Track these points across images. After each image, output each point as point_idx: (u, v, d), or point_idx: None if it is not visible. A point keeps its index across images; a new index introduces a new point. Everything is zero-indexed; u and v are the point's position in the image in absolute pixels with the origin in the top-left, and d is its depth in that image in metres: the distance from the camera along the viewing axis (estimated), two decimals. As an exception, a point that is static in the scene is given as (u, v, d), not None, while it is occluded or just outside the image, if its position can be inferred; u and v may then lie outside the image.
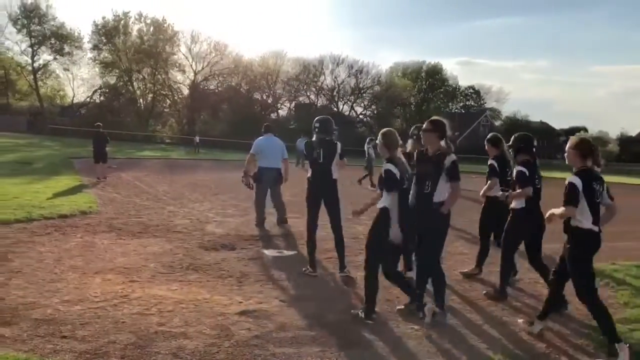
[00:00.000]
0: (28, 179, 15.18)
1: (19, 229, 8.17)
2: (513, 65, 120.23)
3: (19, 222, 8.59)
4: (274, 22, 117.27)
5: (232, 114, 61.37)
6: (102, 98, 64.79)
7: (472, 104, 77.27)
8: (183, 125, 63.57)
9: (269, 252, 7.63)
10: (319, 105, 67.21)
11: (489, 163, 6.78)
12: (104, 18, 62.65)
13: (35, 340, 4.06)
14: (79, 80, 71.50)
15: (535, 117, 71.89)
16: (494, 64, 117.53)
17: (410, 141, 6.68)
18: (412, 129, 6.84)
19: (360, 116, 68.99)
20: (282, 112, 68.18)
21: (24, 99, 65.51)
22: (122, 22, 63.03)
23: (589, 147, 4.53)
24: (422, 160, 5.21)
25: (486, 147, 7.07)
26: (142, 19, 63.69)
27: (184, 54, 64.38)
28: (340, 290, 6.09)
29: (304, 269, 6.59)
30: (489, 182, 6.69)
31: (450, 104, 76.79)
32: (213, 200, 13.17)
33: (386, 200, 4.97)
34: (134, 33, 64.06)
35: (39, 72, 62.73)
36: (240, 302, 5.36)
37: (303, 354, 4.17)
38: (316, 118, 6.83)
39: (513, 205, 5.85)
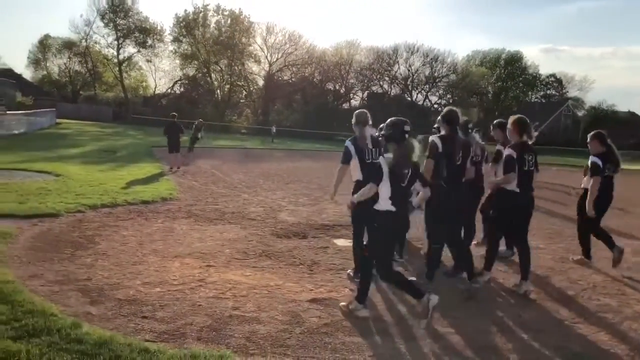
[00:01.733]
0: (113, 166, 16.00)
1: (105, 213, 8.64)
2: (601, 52, 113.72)
3: (105, 207, 9.08)
4: (349, 11, 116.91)
5: (304, 104, 61.91)
6: (181, 89, 67.07)
7: (554, 93, 73.84)
8: (258, 116, 64.71)
9: (339, 242, 7.68)
10: (391, 94, 66.51)
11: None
12: (185, 11, 64.74)
13: (119, 319, 4.30)
14: (160, 72, 74.36)
15: (623, 107, 67.83)
16: (579, 50, 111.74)
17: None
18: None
19: (435, 105, 67.65)
20: (355, 102, 68.01)
21: (110, 90, 68.99)
22: (201, 14, 64.78)
23: (524, 124, 5.61)
24: None
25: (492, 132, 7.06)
26: (220, 11, 65.25)
27: (259, 45, 65.43)
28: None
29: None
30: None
31: (529, 93, 73.79)
32: (285, 189, 13.38)
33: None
34: (212, 25, 65.68)
35: (124, 64, 65.71)
36: (311, 290, 5.44)
37: (373, 344, 4.18)
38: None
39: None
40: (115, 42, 64.05)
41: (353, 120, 5.86)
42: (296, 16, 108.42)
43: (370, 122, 5.84)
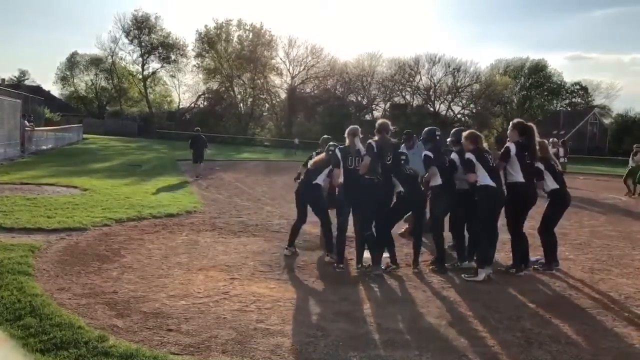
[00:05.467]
0: (138, 180, 16.19)
1: (131, 227, 8.74)
2: (630, 58, 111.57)
3: (130, 220, 9.18)
4: (370, 23, 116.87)
5: (327, 116, 62.01)
6: (205, 103, 67.82)
7: (579, 101, 72.79)
8: (281, 128, 65.03)
9: (365, 255, 7.61)
10: (414, 105, 66.31)
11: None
12: (206, 27, 65.64)
13: (145, 332, 4.32)
14: (184, 87, 75.53)
15: (651, 114, 66.29)
16: (606, 57, 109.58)
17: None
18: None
19: (458, 115, 67.17)
20: (377, 113, 67.87)
21: (135, 105, 70.17)
22: (223, 29, 65.60)
23: (476, 137, 6.78)
24: None
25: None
26: (242, 25, 65.99)
27: (281, 59, 65.87)
28: (433, 294, 5.96)
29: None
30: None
31: (554, 101, 72.85)
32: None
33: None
34: (235, 40, 66.43)
35: (148, 80, 66.86)
36: (336, 302, 5.40)
37: (399, 358, 4.13)
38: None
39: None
40: (140, 59, 65.34)
41: (346, 132, 6.97)
42: (317, 29, 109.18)
43: (361, 136, 6.97)
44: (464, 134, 6.91)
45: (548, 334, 4.75)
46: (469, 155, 6.62)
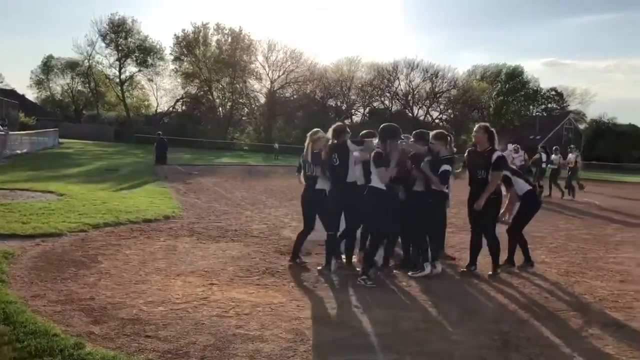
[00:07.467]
0: (116, 184, 16.03)
1: (108, 232, 8.63)
2: (604, 65, 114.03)
3: (107, 225, 9.06)
4: (349, 28, 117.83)
5: (306, 121, 62.09)
6: (183, 107, 67.46)
7: (555, 106, 74.06)
8: (260, 132, 64.92)
9: (343, 257, 7.63)
10: (393, 110, 66.74)
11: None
12: (184, 31, 65.37)
13: (122, 339, 4.27)
14: (162, 91, 74.99)
15: (624, 120, 67.94)
16: (582, 64, 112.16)
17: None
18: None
19: (436, 120, 67.79)
20: (356, 118, 68.22)
21: (112, 109, 69.53)
22: (201, 33, 65.34)
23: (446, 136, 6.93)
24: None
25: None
26: (221, 30, 65.83)
27: (260, 63, 65.94)
28: (413, 297, 6.00)
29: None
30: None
31: (530, 107, 74.00)
32: (288, 205, 13.35)
33: None
34: (213, 44, 66.29)
35: (126, 84, 66.24)
36: (315, 307, 5.40)
37: (378, 361, 4.14)
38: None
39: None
40: (117, 62, 64.74)
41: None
42: (297, 34, 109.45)
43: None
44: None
45: (525, 337, 4.80)
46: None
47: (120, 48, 64.06)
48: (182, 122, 60.06)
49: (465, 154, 7.13)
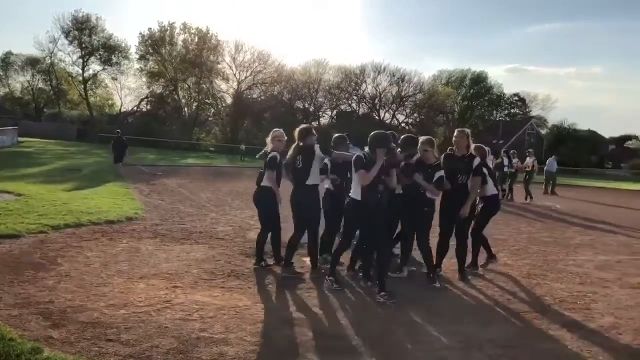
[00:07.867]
0: (77, 185, 15.66)
1: (69, 234, 8.42)
2: (565, 72, 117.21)
3: (68, 227, 8.84)
4: (316, 31, 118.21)
5: (274, 122, 61.84)
6: (148, 107, 66.38)
7: (517, 112, 75.72)
8: (227, 134, 64.41)
9: (308, 260, 7.61)
10: (360, 113, 67.12)
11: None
12: (150, 29, 64.41)
13: (82, 343, 4.17)
14: (126, 90, 73.60)
15: (583, 125, 69.86)
16: (544, 70, 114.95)
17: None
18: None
19: (402, 124, 68.49)
20: (324, 120, 68.33)
21: (75, 108, 67.92)
22: (167, 32, 64.48)
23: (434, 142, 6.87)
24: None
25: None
26: (187, 29, 65.09)
27: (227, 64, 65.36)
28: (378, 300, 6.03)
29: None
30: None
31: (494, 112, 75.48)
32: (254, 207, 13.22)
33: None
34: (179, 43, 65.47)
35: (89, 82, 64.87)
36: (281, 310, 5.38)
37: (343, 364, 4.14)
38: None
39: None
40: (80, 60, 63.33)
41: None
42: (265, 35, 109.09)
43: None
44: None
45: (487, 338, 4.88)
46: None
47: (83, 46, 62.60)
48: (146, 122, 59.03)
49: (442, 158, 6.98)
